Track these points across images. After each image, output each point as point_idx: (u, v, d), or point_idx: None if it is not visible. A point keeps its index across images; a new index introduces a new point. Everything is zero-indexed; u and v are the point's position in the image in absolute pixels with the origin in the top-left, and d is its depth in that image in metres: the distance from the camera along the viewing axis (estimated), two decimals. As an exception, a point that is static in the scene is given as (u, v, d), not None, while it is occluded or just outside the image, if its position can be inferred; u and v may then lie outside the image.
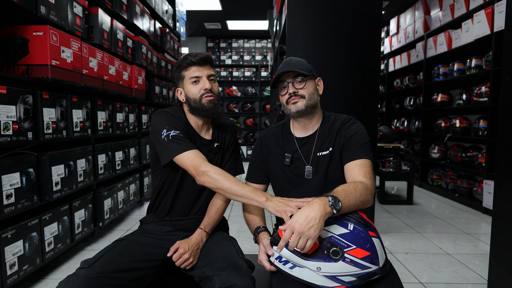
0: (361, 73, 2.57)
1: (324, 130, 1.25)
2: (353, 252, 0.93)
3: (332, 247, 0.94)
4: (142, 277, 1.13)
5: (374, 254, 0.95)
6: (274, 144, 1.30)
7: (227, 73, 7.98)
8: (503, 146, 1.57)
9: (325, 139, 1.23)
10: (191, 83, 1.27)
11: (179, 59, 1.31)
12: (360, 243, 0.94)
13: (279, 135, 1.31)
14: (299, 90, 1.19)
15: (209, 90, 1.27)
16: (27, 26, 1.86)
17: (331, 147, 1.21)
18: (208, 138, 1.35)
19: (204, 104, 1.27)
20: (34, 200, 1.88)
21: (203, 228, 1.27)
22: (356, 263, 0.93)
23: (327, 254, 0.94)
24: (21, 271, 1.78)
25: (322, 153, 1.22)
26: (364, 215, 1.02)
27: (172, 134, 1.20)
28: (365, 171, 1.12)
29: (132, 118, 3.24)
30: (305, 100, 1.19)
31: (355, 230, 0.95)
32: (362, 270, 0.93)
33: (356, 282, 0.95)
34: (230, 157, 1.39)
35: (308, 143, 1.25)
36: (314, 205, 0.92)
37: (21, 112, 1.75)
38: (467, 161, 3.95)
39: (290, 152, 1.25)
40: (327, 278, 0.95)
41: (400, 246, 2.63)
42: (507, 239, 1.54)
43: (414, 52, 5.10)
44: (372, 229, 0.98)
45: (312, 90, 1.21)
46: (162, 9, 4.17)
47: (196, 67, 1.27)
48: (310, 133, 1.26)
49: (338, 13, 2.52)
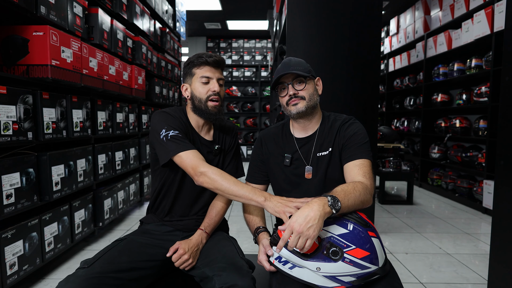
0: (361, 73, 2.57)
1: (324, 130, 1.25)
2: (353, 252, 0.93)
3: (332, 247, 0.94)
4: (141, 277, 1.13)
5: (373, 254, 0.94)
6: (274, 144, 1.30)
7: (227, 73, 7.98)
8: (503, 146, 1.57)
9: (324, 139, 1.23)
10: (201, 82, 1.27)
11: (192, 56, 1.30)
12: (359, 243, 0.94)
13: (278, 135, 1.31)
14: (299, 92, 1.19)
15: (217, 93, 1.27)
16: (27, 26, 1.86)
17: (330, 147, 1.21)
18: (208, 139, 1.35)
19: (208, 107, 1.27)
20: (34, 200, 1.88)
21: (203, 229, 1.26)
22: (356, 263, 0.93)
23: (327, 254, 0.94)
24: (21, 271, 1.78)
25: (322, 154, 1.22)
26: (363, 215, 1.02)
27: (171, 134, 1.19)
28: (365, 171, 1.12)
29: (132, 118, 3.24)
30: (306, 101, 1.19)
31: (355, 230, 0.95)
32: (362, 270, 0.93)
33: (356, 282, 0.95)
34: (231, 160, 1.39)
35: (308, 143, 1.25)
36: (313, 205, 0.92)
37: (21, 112, 1.75)
38: (467, 161, 3.95)
39: (290, 152, 1.25)
40: (327, 278, 0.95)
41: (400, 246, 2.63)
42: (507, 239, 1.54)
43: (414, 52, 5.10)
44: (372, 229, 0.98)
45: (312, 91, 1.22)
46: (162, 9, 4.17)
47: (209, 67, 1.27)
48: (310, 134, 1.26)
49: (338, 13, 2.52)
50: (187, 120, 1.32)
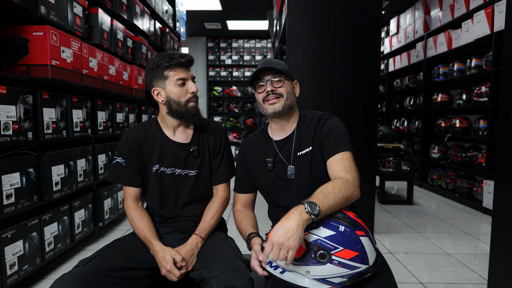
0: (361, 73, 2.57)
1: (302, 129, 1.25)
2: (341, 254, 0.92)
3: (319, 250, 0.93)
4: (138, 277, 1.13)
5: (363, 254, 0.94)
6: (255, 151, 1.30)
7: (227, 73, 7.98)
8: (503, 146, 1.57)
9: (303, 138, 1.23)
10: (177, 85, 1.22)
11: (156, 57, 1.24)
12: (347, 244, 0.93)
13: (259, 141, 1.31)
14: (277, 89, 1.20)
15: (195, 93, 1.26)
16: (27, 26, 1.86)
17: (310, 146, 1.21)
18: (182, 141, 1.30)
19: (189, 108, 1.24)
20: (34, 200, 1.88)
21: (198, 234, 1.25)
22: (345, 264, 0.92)
23: (315, 257, 0.93)
24: (21, 271, 1.78)
25: (302, 152, 1.22)
26: (352, 214, 1.01)
27: (118, 160, 1.29)
28: (345, 165, 1.11)
29: (132, 118, 3.24)
30: (283, 99, 1.20)
31: (341, 231, 0.95)
32: (351, 270, 0.93)
33: (347, 282, 0.94)
34: (221, 161, 1.35)
35: (287, 144, 1.25)
36: (291, 215, 0.91)
37: (21, 112, 1.75)
38: (467, 161, 3.95)
39: (271, 156, 1.25)
40: (317, 281, 0.94)
41: (400, 246, 2.63)
42: (507, 239, 1.54)
43: (414, 52, 5.10)
44: (360, 228, 0.97)
45: (290, 90, 1.22)
46: (162, 9, 4.17)
47: (182, 68, 1.23)
48: (288, 134, 1.26)
49: (338, 13, 2.52)
50: (158, 128, 1.31)
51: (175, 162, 1.28)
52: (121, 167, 1.28)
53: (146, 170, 1.29)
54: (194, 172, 1.30)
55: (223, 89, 8.02)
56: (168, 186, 1.29)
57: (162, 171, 1.28)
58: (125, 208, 1.29)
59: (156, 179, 1.28)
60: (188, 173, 1.29)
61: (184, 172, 1.29)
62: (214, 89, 8.00)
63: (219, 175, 1.35)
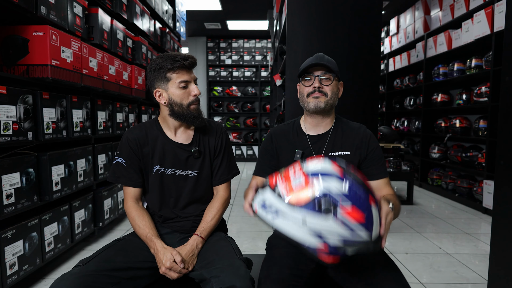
0: (361, 73, 2.57)
1: (337, 131, 1.28)
2: (347, 211, 0.84)
3: (325, 199, 0.85)
4: (138, 277, 1.13)
5: (369, 222, 0.85)
6: (285, 141, 1.31)
7: (227, 73, 7.98)
8: (503, 146, 1.57)
9: (338, 140, 1.26)
10: (180, 87, 1.22)
11: (158, 58, 1.22)
12: (356, 201, 0.85)
13: (289, 132, 1.33)
14: (325, 87, 1.22)
15: (198, 96, 1.26)
16: (27, 26, 1.86)
17: (348, 151, 1.25)
18: (183, 142, 1.30)
19: (191, 111, 1.24)
20: (34, 200, 1.88)
21: (198, 234, 1.24)
22: (347, 225, 0.84)
23: (318, 206, 0.85)
24: (21, 271, 1.78)
25: (334, 153, 1.25)
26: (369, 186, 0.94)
27: (118, 160, 1.29)
28: (391, 189, 1.25)
29: (132, 118, 3.24)
30: (327, 98, 1.22)
31: (355, 188, 0.87)
32: (351, 235, 0.84)
33: (341, 249, 0.85)
34: (222, 161, 1.35)
35: (320, 141, 1.27)
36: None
37: (21, 112, 1.75)
38: (467, 161, 3.95)
39: (301, 148, 1.27)
40: (311, 235, 0.85)
41: (400, 246, 2.63)
42: (507, 239, 1.54)
43: (414, 52, 5.10)
44: (374, 199, 0.90)
45: (335, 90, 1.26)
46: (162, 9, 4.17)
47: (185, 70, 1.22)
48: (322, 132, 1.28)
49: (338, 13, 2.52)
50: (159, 129, 1.30)
51: (176, 162, 1.28)
52: (122, 167, 1.28)
53: (147, 171, 1.29)
54: (195, 172, 1.30)
55: (223, 89, 8.02)
56: (169, 187, 1.29)
57: (163, 171, 1.28)
58: (126, 208, 1.29)
59: (157, 180, 1.28)
60: (189, 173, 1.30)
61: (185, 173, 1.29)
62: (214, 89, 8.00)
63: (220, 176, 1.35)
